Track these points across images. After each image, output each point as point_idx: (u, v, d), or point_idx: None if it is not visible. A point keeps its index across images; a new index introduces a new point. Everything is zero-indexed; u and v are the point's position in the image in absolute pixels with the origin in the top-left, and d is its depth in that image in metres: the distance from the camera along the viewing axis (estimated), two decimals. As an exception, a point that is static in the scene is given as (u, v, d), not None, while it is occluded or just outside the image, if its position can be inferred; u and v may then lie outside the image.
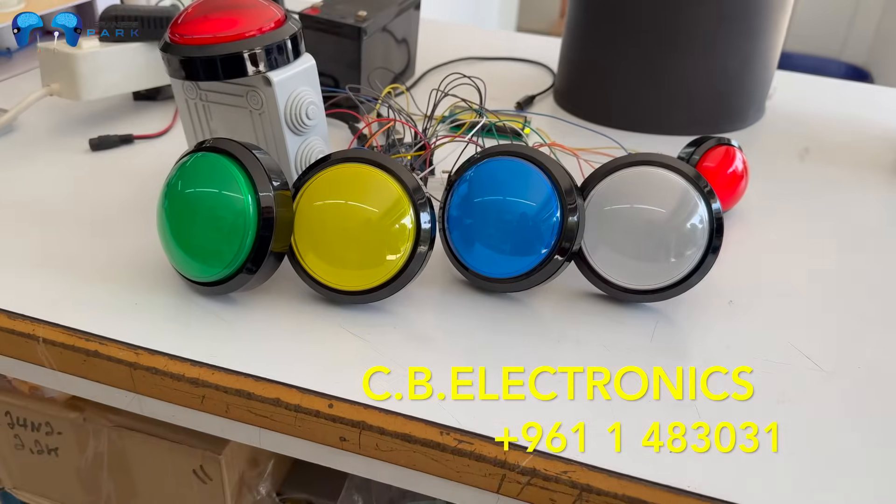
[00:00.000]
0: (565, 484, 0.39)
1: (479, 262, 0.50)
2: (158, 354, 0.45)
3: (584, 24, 0.77)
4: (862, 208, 0.67)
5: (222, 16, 0.51)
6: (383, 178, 0.48)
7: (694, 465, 0.40)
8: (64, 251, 0.54)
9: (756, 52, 0.73)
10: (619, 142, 0.66)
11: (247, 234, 0.46)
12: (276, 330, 0.48)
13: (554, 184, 0.48)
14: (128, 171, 0.64)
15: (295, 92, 0.53)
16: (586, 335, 0.48)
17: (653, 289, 0.50)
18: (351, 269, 0.48)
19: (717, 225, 0.48)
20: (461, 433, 0.41)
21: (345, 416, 0.42)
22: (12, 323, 0.47)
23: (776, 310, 0.52)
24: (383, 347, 0.46)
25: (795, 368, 0.47)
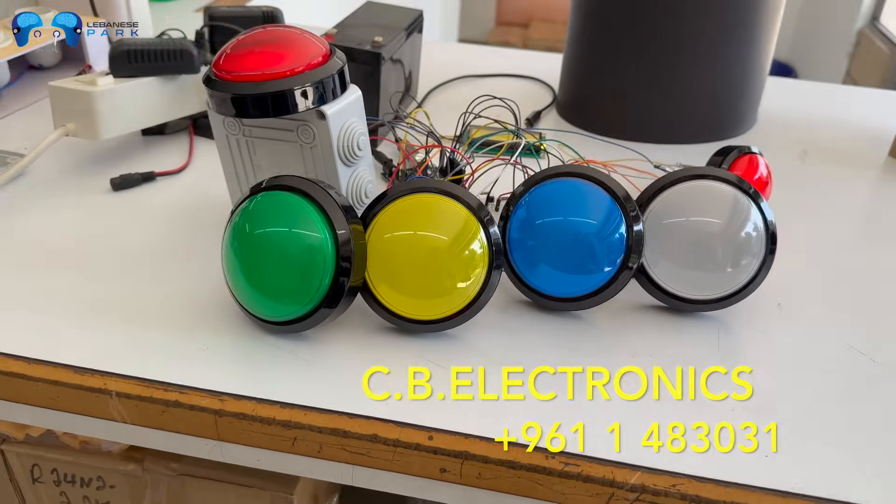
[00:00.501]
0: (674, 497, 0.40)
1: (545, 283, 0.51)
2: (245, 399, 0.44)
3: (589, 37, 0.79)
4: (866, 202, 0.71)
5: (266, 50, 0.51)
6: (448, 204, 0.48)
7: (799, 468, 0.41)
8: (114, 298, 0.52)
9: (754, 59, 0.77)
10: (642, 153, 0.68)
11: (326, 271, 0.45)
12: (356, 364, 0.47)
13: (615, 199, 0.50)
14: (156, 210, 0.62)
15: (346, 124, 0.52)
16: (657, 347, 0.50)
17: (714, 298, 0.51)
18: (425, 299, 0.48)
19: (771, 231, 0.50)
20: (567, 456, 0.42)
21: (446, 446, 0.42)
22: (80, 378, 0.45)
23: (824, 309, 0.55)
24: (473, 373, 0.46)
25: (853, 364, 0.49)
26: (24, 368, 0.46)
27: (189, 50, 0.67)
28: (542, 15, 3.78)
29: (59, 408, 0.47)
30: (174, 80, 0.68)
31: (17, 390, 0.47)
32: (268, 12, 0.77)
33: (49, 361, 0.46)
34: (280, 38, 0.52)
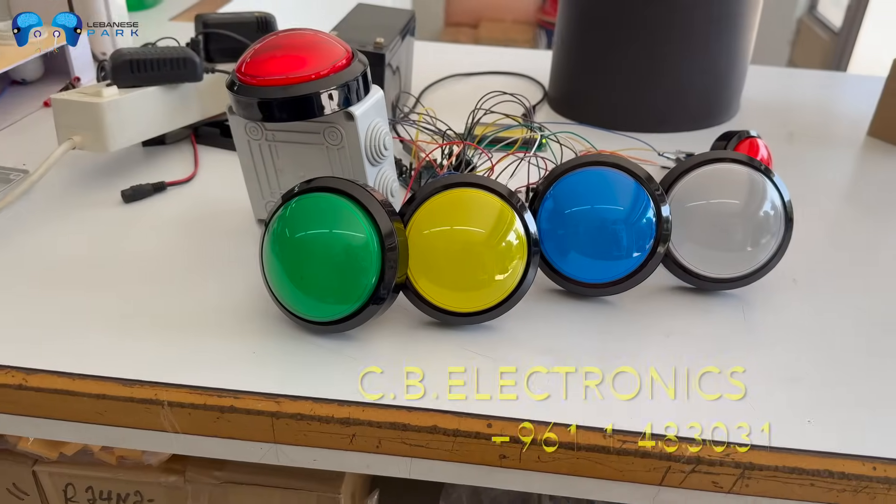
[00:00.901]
0: (729, 465, 0.42)
1: (577, 270, 0.52)
2: (301, 400, 0.44)
3: (580, 33, 0.81)
4: (853, 177, 0.74)
5: (290, 54, 0.51)
6: (482, 196, 0.49)
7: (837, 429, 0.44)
8: (147, 309, 0.51)
9: (739, 49, 0.80)
10: (644, 142, 0.70)
11: (372, 269, 0.46)
12: (403, 359, 0.48)
13: (641, 183, 0.51)
14: (171, 220, 0.62)
15: (372, 123, 0.53)
16: (688, 326, 0.52)
17: (737, 276, 0.53)
18: (466, 291, 0.49)
19: (788, 208, 0.53)
20: (624, 434, 0.43)
21: (506, 433, 0.43)
22: (130, 390, 0.45)
23: (835, 281, 0.57)
24: (515, 363, 0.48)
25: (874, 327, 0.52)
26: (68, 384, 0.45)
27: (192, 58, 0.66)
28: (491, 15, 3.80)
29: (105, 422, 0.46)
30: (176, 88, 0.68)
31: (60, 407, 0.46)
32: (261, 18, 0.76)
33: (94, 375, 0.46)
34: (302, 42, 0.52)
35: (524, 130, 0.62)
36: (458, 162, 0.64)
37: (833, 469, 0.42)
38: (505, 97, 0.64)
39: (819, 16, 2.93)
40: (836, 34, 2.69)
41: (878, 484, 0.42)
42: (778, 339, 0.51)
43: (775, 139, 0.81)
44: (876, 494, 0.42)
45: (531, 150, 0.58)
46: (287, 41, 0.52)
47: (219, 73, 0.72)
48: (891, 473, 0.42)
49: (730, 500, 0.44)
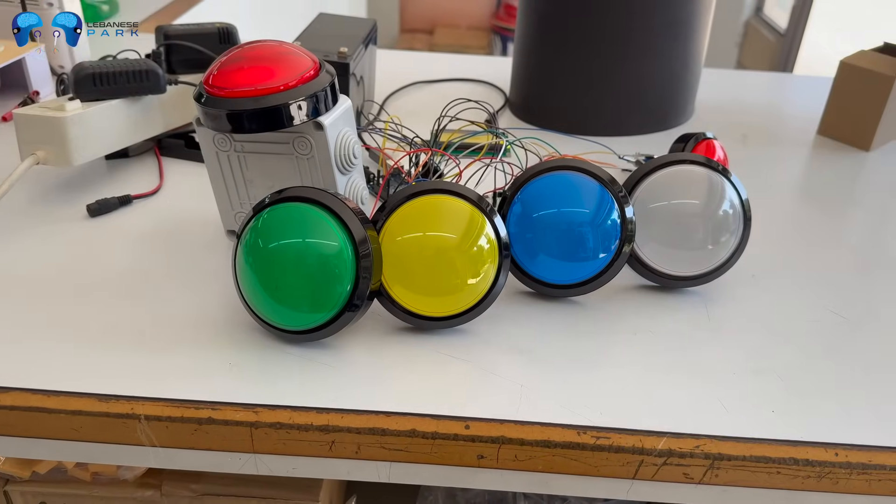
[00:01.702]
0: (699, 457, 0.44)
1: (546, 272, 0.54)
2: (280, 409, 0.45)
3: (539, 39, 0.83)
4: (805, 175, 0.77)
5: (258, 65, 0.51)
6: (453, 202, 0.50)
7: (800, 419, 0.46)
8: (121, 324, 0.51)
9: (692, 52, 0.82)
10: (604, 145, 0.71)
11: (346, 277, 0.46)
12: (378, 365, 0.48)
13: (604, 186, 0.53)
14: (139, 233, 0.61)
15: (341, 133, 0.54)
16: (654, 323, 0.53)
17: (699, 274, 0.55)
18: (440, 296, 0.50)
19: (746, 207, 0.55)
20: (597, 430, 0.44)
21: (483, 433, 0.44)
22: (106, 405, 0.45)
23: (792, 275, 0.60)
24: (489, 365, 0.49)
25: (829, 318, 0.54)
26: (42, 401, 0.45)
27: (156, 70, 0.66)
28: (446, 21, 3.83)
29: (81, 438, 0.46)
30: (139, 101, 0.67)
31: (35, 425, 0.45)
32: (223, 29, 0.76)
33: (69, 391, 0.45)
34: (270, 54, 0.52)
35: (489, 136, 0.63)
36: (426, 169, 0.65)
37: (797, 457, 0.44)
38: (469, 104, 0.65)
39: (765, 18, 3.02)
40: (782, 35, 2.77)
41: (840, 469, 0.44)
42: (740, 333, 0.53)
43: (730, 140, 0.84)
44: (838, 479, 0.44)
45: (497, 156, 0.59)
46: (254, 53, 0.52)
47: (182, 85, 0.71)
48: (852, 459, 0.44)
49: (700, 490, 0.45)
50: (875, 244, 0.65)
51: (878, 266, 0.62)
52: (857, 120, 0.82)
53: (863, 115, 0.81)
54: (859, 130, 0.82)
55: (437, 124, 0.66)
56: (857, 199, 0.74)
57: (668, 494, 0.46)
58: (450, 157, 0.59)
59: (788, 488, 0.45)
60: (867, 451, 0.44)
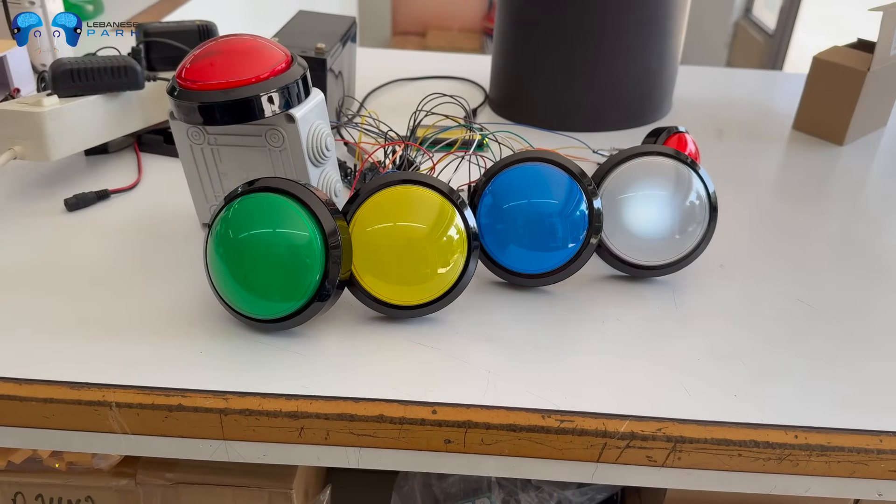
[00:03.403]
0: (661, 440, 0.45)
1: (516, 262, 0.54)
2: (249, 395, 0.45)
3: (517, 37, 0.83)
4: (779, 169, 0.78)
5: (229, 60, 0.52)
6: (423, 193, 0.51)
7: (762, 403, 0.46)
8: (96, 314, 0.52)
9: (668, 50, 0.83)
10: (580, 140, 0.72)
11: (316, 266, 0.47)
12: (349, 353, 0.49)
13: (574, 178, 0.54)
14: (116, 227, 0.62)
15: (314, 125, 0.54)
16: (622, 312, 0.54)
17: (667, 263, 0.56)
18: (410, 285, 0.51)
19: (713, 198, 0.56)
20: (561, 414, 0.45)
21: (450, 418, 0.45)
22: (77, 393, 0.45)
23: (760, 265, 0.61)
24: (457, 352, 0.49)
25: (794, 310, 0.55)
26: (14, 389, 0.46)
27: (133, 66, 0.67)
28: (438, 24, 3.84)
29: (53, 426, 0.46)
30: (118, 97, 0.68)
31: (6, 413, 0.46)
32: (203, 26, 0.77)
33: (40, 380, 0.46)
34: (242, 47, 0.53)
35: (464, 131, 0.64)
36: (400, 162, 0.66)
37: (758, 439, 0.45)
38: (445, 99, 0.66)
39: (754, 18, 3.04)
40: (771, 36, 2.79)
41: (799, 451, 0.45)
42: (707, 321, 0.54)
43: (706, 135, 0.85)
44: (798, 461, 0.45)
45: (470, 150, 0.60)
46: (226, 46, 0.53)
47: (161, 81, 0.72)
48: (811, 441, 0.45)
49: (664, 473, 0.46)
50: (844, 235, 0.66)
51: (846, 256, 0.63)
52: (830, 115, 0.83)
53: (836, 110, 0.82)
54: (833, 125, 0.83)
55: (412, 119, 0.66)
56: (829, 192, 0.75)
57: (632, 477, 0.47)
58: (424, 151, 0.59)
59: (750, 470, 0.46)
60: (826, 433, 0.45)
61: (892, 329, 0.54)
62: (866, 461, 0.45)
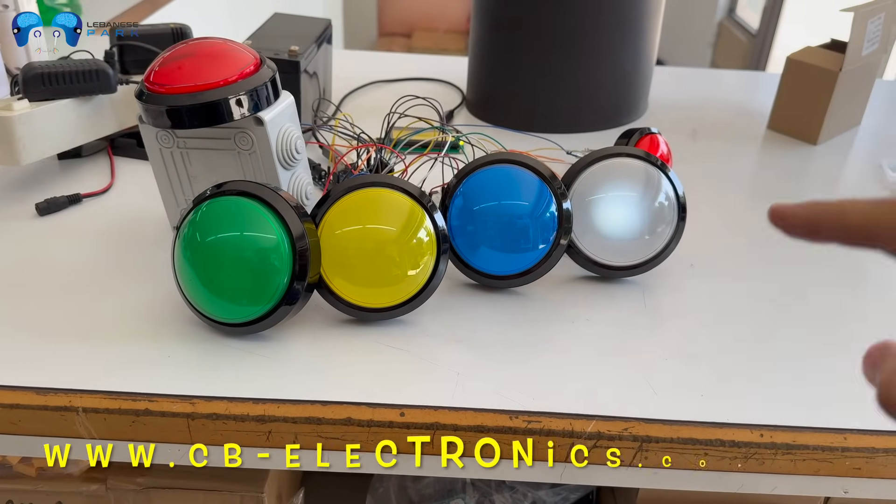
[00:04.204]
0: (627, 439, 0.45)
1: (487, 263, 0.55)
2: (216, 400, 0.45)
3: (492, 39, 0.84)
4: (753, 169, 0.79)
5: (197, 63, 0.52)
6: (393, 196, 0.51)
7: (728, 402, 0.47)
8: (63, 318, 0.52)
9: (644, 52, 0.84)
10: (553, 142, 0.73)
11: (283, 270, 0.47)
12: (318, 356, 0.49)
13: (544, 180, 0.54)
14: (87, 231, 0.62)
15: (283, 128, 0.54)
16: (592, 312, 0.54)
17: (636, 264, 0.56)
18: (379, 288, 0.51)
19: (681, 199, 0.56)
20: (528, 414, 0.45)
21: (417, 420, 0.45)
22: (43, 399, 0.45)
23: (730, 265, 0.61)
24: (427, 354, 0.49)
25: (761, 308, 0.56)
26: (-20, 396, 0.45)
27: (105, 70, 0.66)
28: (424, 25, 3.84)
29: (21, 432, 0.46)
30: (90, 100, 0.68)
31: (-27, 420, 0.46)
32: (177, 29, 0.77)
33: (8, 386, 0.46)
34: (210, 50, 0.53)
35: (437, 133, 0.64)
36: (375, 165, 0.66)
37: (724, 438, 0.45)
38: (418, 101, 0.66)
39: (738, 18, 3.05)
40: (754, 36, 2.81)
41: (765, 450, 0.45)
42: (675, 320, 0.54)
43: (681, 136, 0.85)
44: (764, 460, 0.45)
45: (443, 152, 0.60)
46: (194, 49, 0.53)
47: (133, 85, 0.72)
48: (777, 439, 0.45)
49: (631, 472, 0.46)
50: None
51: (816, 256, 0.63)
52: (804, 115, 0.84)
53: (809, 109, 0.83)
54: (806, 125, 0.84)
55: (386, 121, 0.67)
56: (802, 192, 0.75)
57: (600, 477, 0.47)
58: (396, 153, 0.59)
59: (716, 469, 0.46)
60: (791, 431, 0.45)
61: (858, 328, 0.54)
62: (831, 459, 0.45)
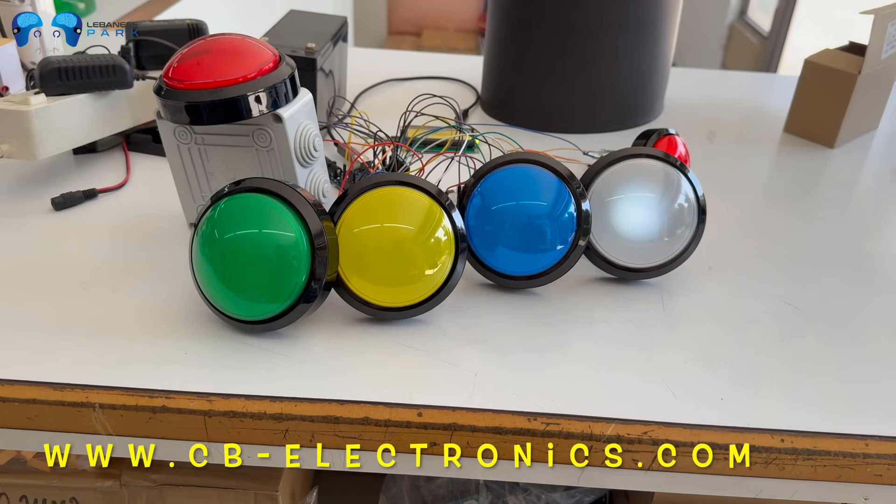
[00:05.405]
0: (647, 443, 0.44)
1: (504, 264, 0.54)
2: (234, 398, 0.45)
3: (509, 38, 0.83)
4: (769, 172, 0.78)
5: (216, 59, 0.52)
6: (411, 194, 0.51)
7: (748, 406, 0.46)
8: (81, 313, 0.51)
9: (660, 51, 0.83)
10: (569, 142, 0.72)
11: (302, 268, 0.47)
12: (335, 355, 0.49)
13: (562, 180, 0.54)
14: (103, 226, 0.62)
15: (301, 126, 0.54)
16: (610, 314, 0.54)
17: (655, 265, 0.56)
18: (397, 287, 0.50)
19: (701, 201, 0.56)
20: (547, 416, 0.45)
21: (435, 421, 0.45)
22: (61, 394, 0.45)
23: (749, 267, 0.60)
24: (444, 354, 0.49)
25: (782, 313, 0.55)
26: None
27: (122, 65, 0.66)
28: (433, 24, 3.84)
29: (37, 427, 0.46)
30: (106, 96, 0.68)
31: (-10, 414, 0.46)
32: (193, 25, 0.77)
33: (25, 381, 0.46)
34: (229, 47, 0.53)
35: (453, 132, 0.64)
36: (390, 163, 0.66)
37: (744, 442, 0.44)
38: (435, 100, 0.65)
39: (749, 21, 3.04)
40: (766, 38, 2.79)
41: (786, 455, 0.45)
42: (694, 323, 0.54)
43: (697, 137, 0.85)
44: (784, 465, 0.45)
45: (460, 151, 0.59)
46: (213, 46, 0.53)
47: (150, 80, 0.72)
48: (798, 444, 0.44)
49: (649, 476, 0.46)
50: (834, 238, 0.66)
51: (836, 259, 0.63)
52: (821, 118, 0.83)
53: (827, 112, 0.82)
54: (824, 128, 0.83)
55: (402, 119, 0.66)
56: (818, 194, 0.75)
57: (618, 480, 0.47)
58: (413, 152, 0.59)
59: (736, 474, 0.45)
60: (812, 437, 0.45)
61: (879, 332, 0.54)
62: (852, 465, 0.45)
